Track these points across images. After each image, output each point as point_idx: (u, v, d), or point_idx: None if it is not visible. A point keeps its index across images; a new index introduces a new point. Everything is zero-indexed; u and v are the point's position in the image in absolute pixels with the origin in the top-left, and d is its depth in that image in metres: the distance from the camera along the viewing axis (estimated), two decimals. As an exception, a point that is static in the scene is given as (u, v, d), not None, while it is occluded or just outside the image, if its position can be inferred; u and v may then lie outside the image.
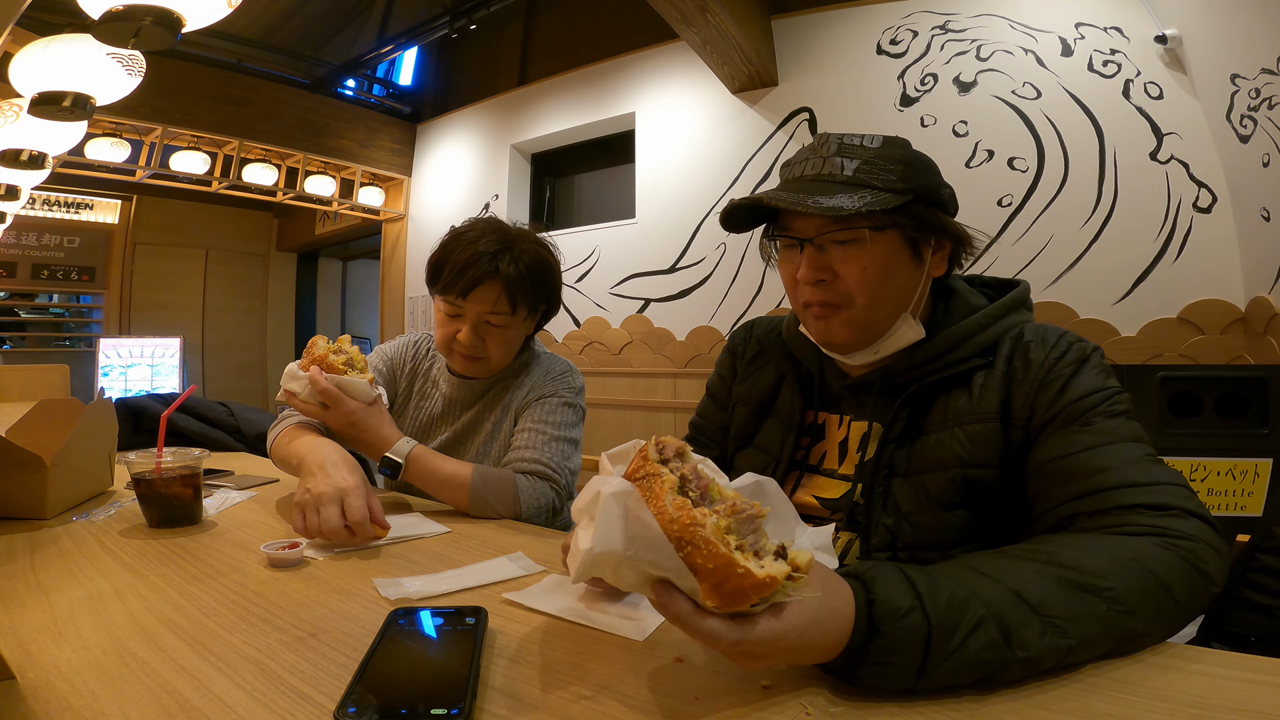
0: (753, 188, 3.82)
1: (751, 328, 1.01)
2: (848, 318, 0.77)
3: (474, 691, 0.47)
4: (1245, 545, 0.98)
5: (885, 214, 0.73)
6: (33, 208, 5.71)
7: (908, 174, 0.74)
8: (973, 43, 3.18)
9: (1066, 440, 0.68)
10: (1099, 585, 0.52)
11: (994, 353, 0.77)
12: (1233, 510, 1.86)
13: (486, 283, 1.10)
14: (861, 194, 0.72)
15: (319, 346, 1.04)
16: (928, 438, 0.76)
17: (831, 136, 0.79)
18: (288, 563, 0.77)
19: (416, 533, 0.93)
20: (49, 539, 0.87)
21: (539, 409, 1.17)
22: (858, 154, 0.76)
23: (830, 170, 0.76)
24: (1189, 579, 0.56)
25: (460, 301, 1.12)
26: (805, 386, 0.89)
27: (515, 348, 1.21)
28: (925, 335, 0.79)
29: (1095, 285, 2.88)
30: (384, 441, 1.02)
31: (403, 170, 5.76)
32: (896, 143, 0.78)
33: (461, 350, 1.15)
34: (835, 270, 0.76)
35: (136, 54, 1.66)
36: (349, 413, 0.99)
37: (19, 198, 2.87)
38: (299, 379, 1.01)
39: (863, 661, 0.47)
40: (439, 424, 1.25)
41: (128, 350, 5.63)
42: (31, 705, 0.46)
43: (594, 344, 4.40)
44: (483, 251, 1.10)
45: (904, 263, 0.77)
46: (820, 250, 0.77)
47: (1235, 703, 0.46)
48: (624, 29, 4.39)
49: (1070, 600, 0.51)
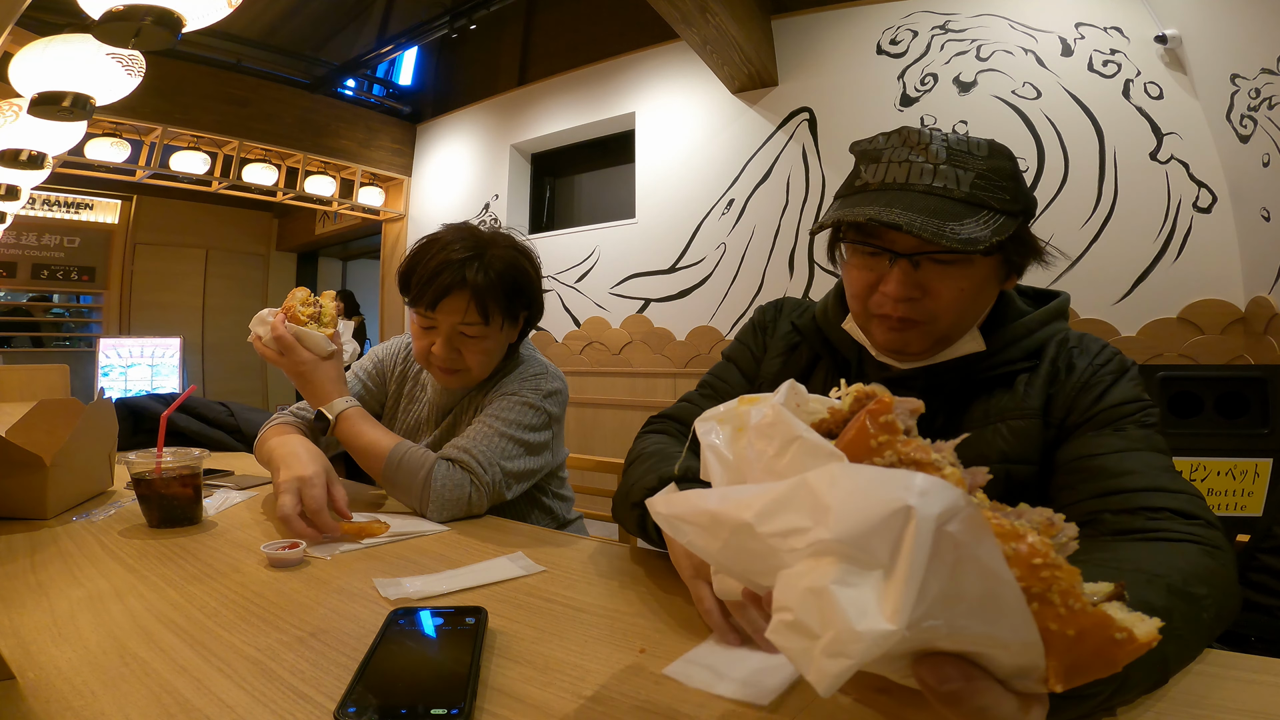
0: (753, 188, 3.82)
1: (780, 306, 0.97)
2: (926, 332, 0.74)
3: (474, 691, 0.47)
4: (1245, 545, 0.98)
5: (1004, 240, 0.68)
6: (33, 208, 5.71)
7: (1018, 192, 0.71)
8: (973, 43, 3.18)
9: (1098, 441, 0.69)
10: (1196, 593, 0.51)
11: (1039, 357, 0.77)
12: (1233, 510, 1.86)
13: (455, 292, 1.05)
14: (985, 218, 0.68)
15: (295, 297, 1.06)
16: (968, 437, 0.75)
17: (935, 137, 0.72)
18: (288, 562, 0.77)
19: (417, 530, 0.93)
20: (49, 539, 0.87)
21: (496, 405, 1.10)
22: (969, 164, 0.70)
23: (945, 184, 0.69)
24: (1231, 585, 0.57)
25: (430, 313, 1.08)
26: (840, 375, 0.85)
27: (496, 357, 1.15)
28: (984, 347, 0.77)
29: (1095, 285, 2.88)
30: (324, 396, 1.04)
31: (403, 170, 5.76)
32: (1004, 153, 0.72)
33: (438, 364, 1.11)
34: (928, 288, 0.72)
35: (136, 54, 1.66)
36: (299, 362, 1.01)
37: (19, 198, 2.87)
38: (266, 323, 1.03)
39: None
40: (424, 428, 1.23)
41: (128, 350, 5.63)
42: (31, 705, 0.46)
43: (594, 344, 4.40)
44: (451, 260, 1.05)
45: (995, 283, 0.75)
46: (916, 267, 0.71)
47: (1235, 703, 0.46)
48: (624, 29, 4.40)
49: (1182, 607, 0.49)
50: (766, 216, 3.77)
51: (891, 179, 0.71)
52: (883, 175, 0.72)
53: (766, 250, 3.75)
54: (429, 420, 1.23)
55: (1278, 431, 1.84)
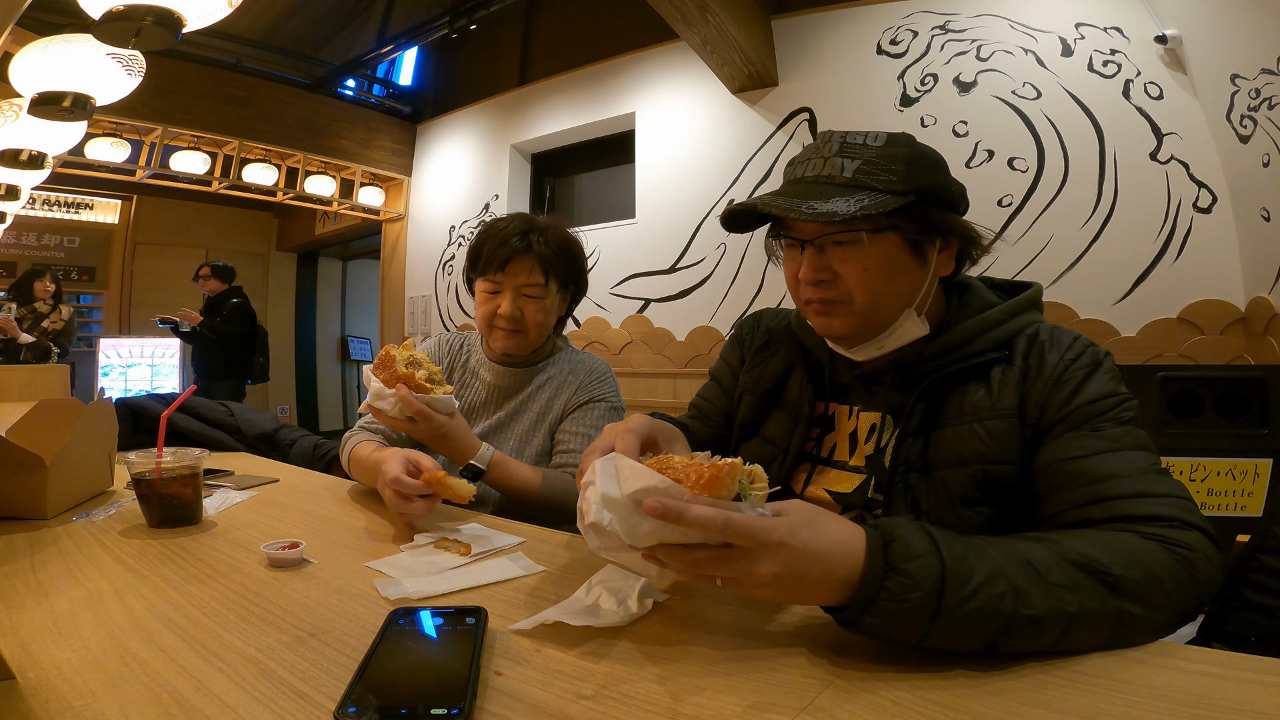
0: (753, 188, 3.82)
1: (759, 318, 1.01)
2: (847, 312, 0.77)
3: (474, 691, 0.47)
4: (1245, 545, 0.98)
5: (884, 216, 0.72)
6: (33, 208, 5.72)
7: (910, 174, 0.73)
8: (973, 43, 3.18)
9: (1076, 443, 0.69)
10: (1100, 568, 0.54)
11: (1010, 348, 0.77)
12: (1233, 510, 1.86)
13: (520, 257, 1.21)
14: (859, 197, 0.71)
15: (399, 363, 1.05)
16: (944, 432, 0.76)
17: (835, 135, 0.78)
18: (287, 563, 0.77)
19: (493, 546, 0.86)
20: (49, 539, 0.87)
21: (588, 414, 1.25)
22: (859, 153, 0.75)
23: (830, 171, 0.75)
24: (1181, 579, 0.57)
25: (499, 276, 1.22)
26: (815, 377, 0.89)
27: (551, 321, 1.28)
28: (931, 331, 0.79)
29: (1095, 285, 2.88)
30: (469, 449, 1.10)
31: (403, 170, 5.76)
32: (900, 140, 0.76)
33: (503, 324, 1.23)
34: (835, 270, 0.76)
35: (136, 54, 1.66)
36: (438, 426, 1.05)
37: (19, 198, 2.88)
38: (387, 398, 1.04)
39: (878, 599, 0.50)
40: (481, 411, 1.30)
41: (128, 350, 5.63)
42: (31, 705, 0.46)
43: (594, 344, 4.40)
44: (514, 232, 1.23)
45: (906, 263, 0.76)
46: (821, 251, 0.76)
47: (1235, 703, 0.46)
48: (624, 29, 4.40)
49: (1073, 574, 0.54)
50: (766, 216, 3.76)
51: (797, 176, 0.79)
52: (792, 175, 0.80)
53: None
54: (485, 404, 1.30)
55: (1278, 431, 1.84)
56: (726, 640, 0.58)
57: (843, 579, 0.51)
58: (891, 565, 0.50)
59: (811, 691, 0.49)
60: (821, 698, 0.48)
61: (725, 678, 0.51)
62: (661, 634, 0.60)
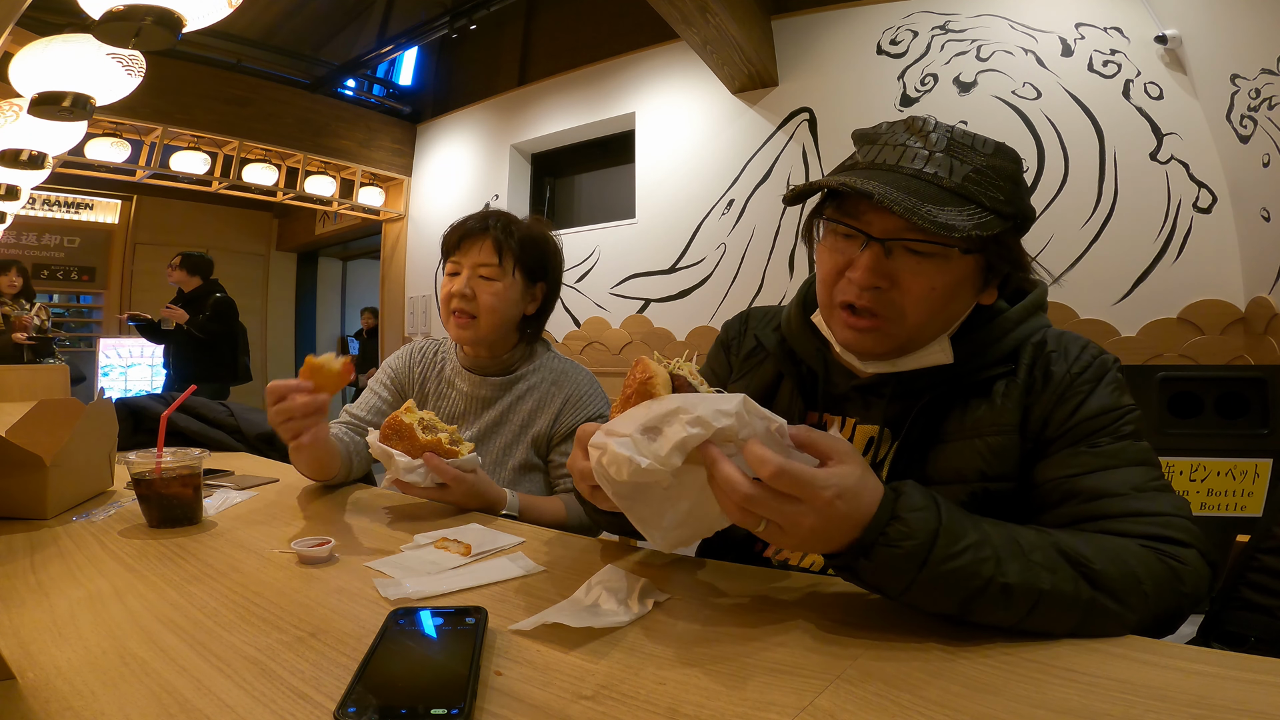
0: (753, 188, 3.82)
1: (746, 320, 0.94)
2: (888, 333, 0.70)
3: (474, 691, 0.47)
4: (1245, 545, 0.98)
5: (987, 238, 0.65)
6: (33, 208, 5.72)
7: (1016, 195, 0.68)
8: (973, 43, 3.19)
9: (1074, 460, 0.67)
10: (1081, 559, 0.56)
11: (1015, 360, 0.73)
12: (1233, 510, 1.86)
13: (475, 236, 1.24)
14: (969, 210, 0.65)
15: (416, 430, 1.02)
16: (944, 447, 0.73)
17: (940, 126, 0.69)
18: (317, 559, 0.77)
19: (495, 545, 0.86)
20: (49, 539, 0.87)
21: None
22: (968, 158, 0.67)
23: (937, 171, 0.66)
24: (1163, 584, 0.58)
25: (456, 256, 1.25)
26: (806, 388, 0.83)
27: (505, 311, 1.24)
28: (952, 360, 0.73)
29: (1095, 285, 2.88)
30: (499, 500, 1.10)
31: (403, 170, 5.76)
32: (1008, 154, 0.69)
33: (456, 305, 1.23)
34: (896, 279, 0.68)
35: (136, 54, 1.66)
36: (470, 486, 1.05)
37: (19, 198, 2.88)
38: (416, 470, 1.02)
39: (877, 543, 0.53)
40: (459, 422, 1.27)
41: (128, 350, 5.63)
42: (31, 705, 0.46)
43: (594, 344, 4.40)
44: (476, 218, 1.26)
45: (970, 289, 0.71)
46: (888, 254, 0.68)
47: (1235, 703, 0.46)
48: (624, 29, 4.40)
49: (1054, 558, 0.56)
50: (766, 217, 3.77)
51: (882, 160, 0.69)
52: (874, 156, 0.70)
53: (766, 250, 3.76)
54: (466, 414, 1.28)
55: (1278, 431, 1.84)
56: (727, 640, 0.58)
57: (859, 520, 0.54)
58: (895, 514, 0.53)
59: (811, 691, 0.49)
60: (821, 698, 0.48)
61: (725, 678, 0.51)
62: (661, 634, 0.60)
